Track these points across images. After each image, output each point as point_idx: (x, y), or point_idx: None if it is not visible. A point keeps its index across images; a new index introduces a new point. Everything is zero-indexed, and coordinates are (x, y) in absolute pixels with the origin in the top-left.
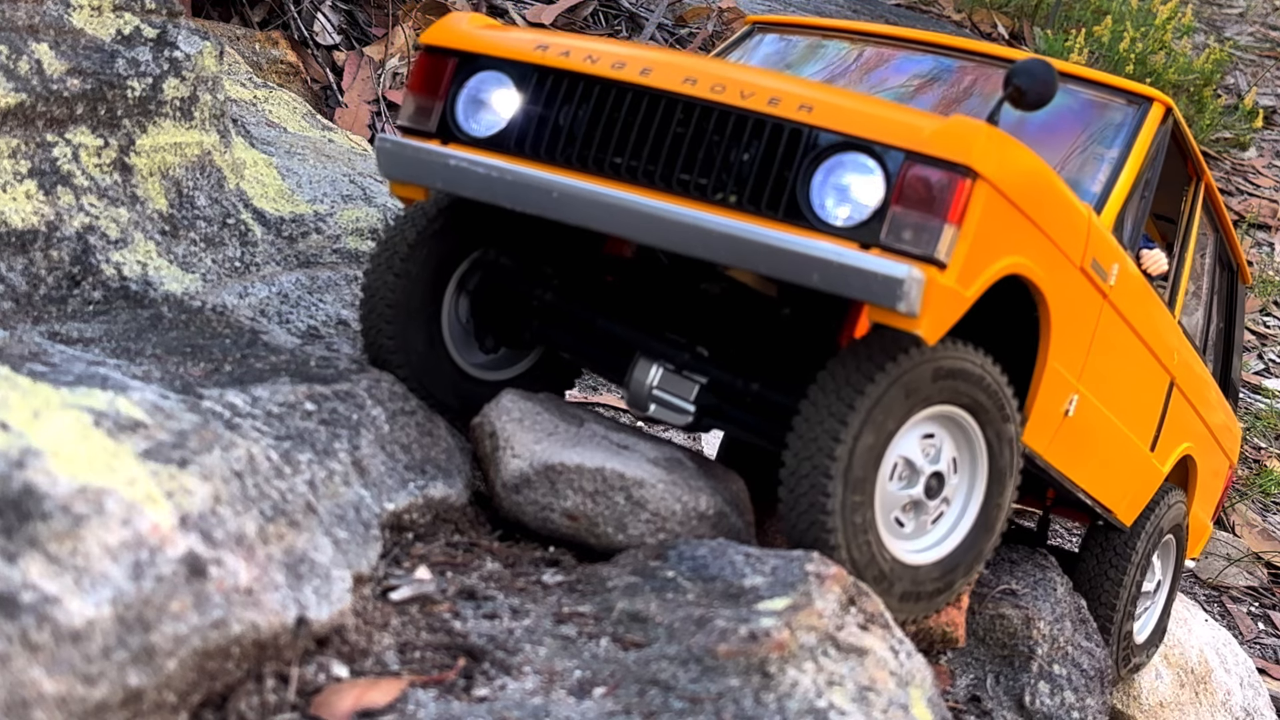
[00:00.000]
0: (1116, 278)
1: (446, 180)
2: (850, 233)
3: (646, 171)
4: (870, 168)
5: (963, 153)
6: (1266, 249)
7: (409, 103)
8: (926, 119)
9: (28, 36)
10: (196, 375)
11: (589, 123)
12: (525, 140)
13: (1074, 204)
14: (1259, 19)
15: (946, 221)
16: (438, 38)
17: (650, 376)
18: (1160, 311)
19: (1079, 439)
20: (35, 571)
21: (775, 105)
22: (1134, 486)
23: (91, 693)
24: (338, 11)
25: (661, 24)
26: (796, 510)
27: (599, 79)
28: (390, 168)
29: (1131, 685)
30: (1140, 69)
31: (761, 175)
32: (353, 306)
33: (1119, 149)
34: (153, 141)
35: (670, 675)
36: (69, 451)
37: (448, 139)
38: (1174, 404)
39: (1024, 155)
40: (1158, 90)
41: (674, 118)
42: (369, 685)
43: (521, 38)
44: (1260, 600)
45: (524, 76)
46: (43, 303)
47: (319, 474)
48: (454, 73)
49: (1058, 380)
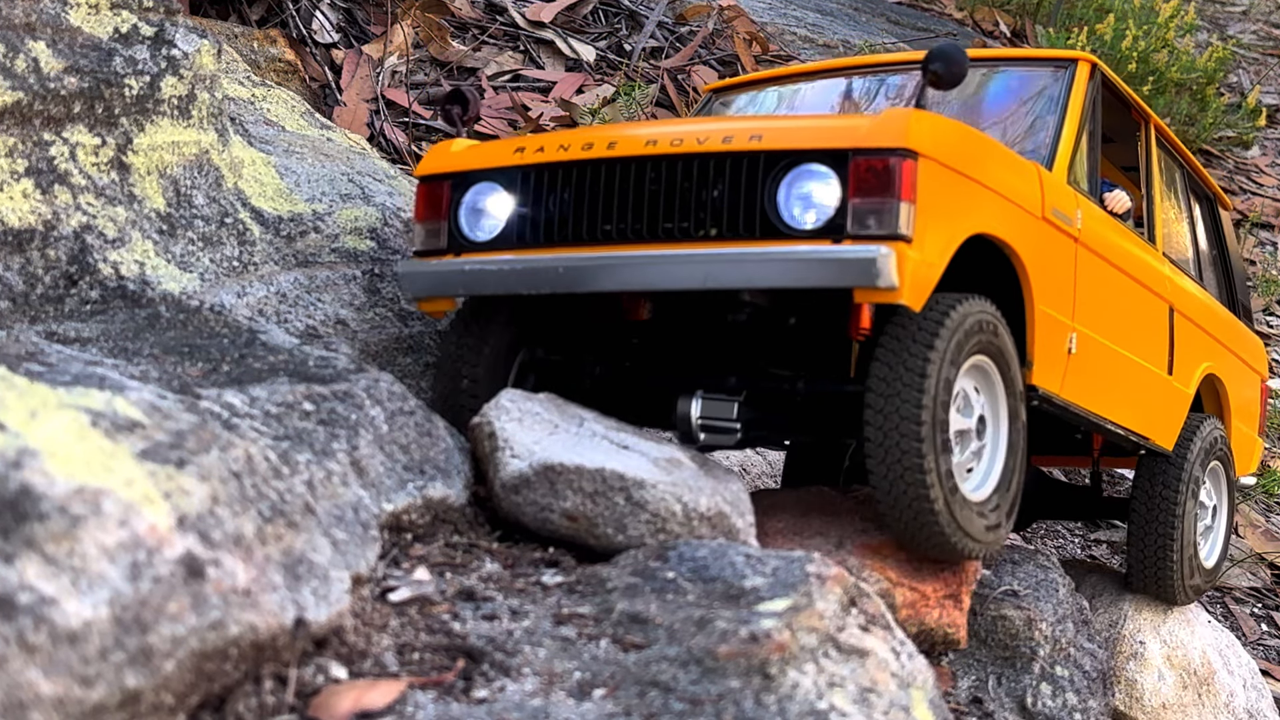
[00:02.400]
0: (1082, 221)
1: (465, 285)
2: (821, 233)
3: (634, 230)
4: (823, 172)
5: (899, 138)
6: (1270, 248)
7: (418, 231)
8: (861, 119)
9: (25, 34)
10: (194, 375)
11: (575, 202)
12: (525, 232)
13: (1018, 161)
14: (1262, 17)
15: (901, 200)
16: (430, 167)
17: (693, 410)
18: (1140, 245)
19: (1089, 373)
20: (32, 572)
21: (729, 142)
22: (1163, 410)
23: (89, 694)
24: (336, 9)
25: (662, 22)
26: (891, 467)
27: (574, 163)
28: (414, 288)
29: (1134, 687)
30: (1143, 67)
31: (733, 204)
32: (352, 306)
33: (1056, 109)
34: (150, 140)
35: (670, 677)
36: (66, 452)
37: (459, 251)
38: (1180, 328)
39: (955, 128)
40: (1087, 54)
41: (645, 177)
42: (368, 687)
43: (500, 147)
44: (1263, 601)
45: (511, 179)
46: (40, 302)
47: (317, 474)
48: (450, 192)
49: (1050, 322)
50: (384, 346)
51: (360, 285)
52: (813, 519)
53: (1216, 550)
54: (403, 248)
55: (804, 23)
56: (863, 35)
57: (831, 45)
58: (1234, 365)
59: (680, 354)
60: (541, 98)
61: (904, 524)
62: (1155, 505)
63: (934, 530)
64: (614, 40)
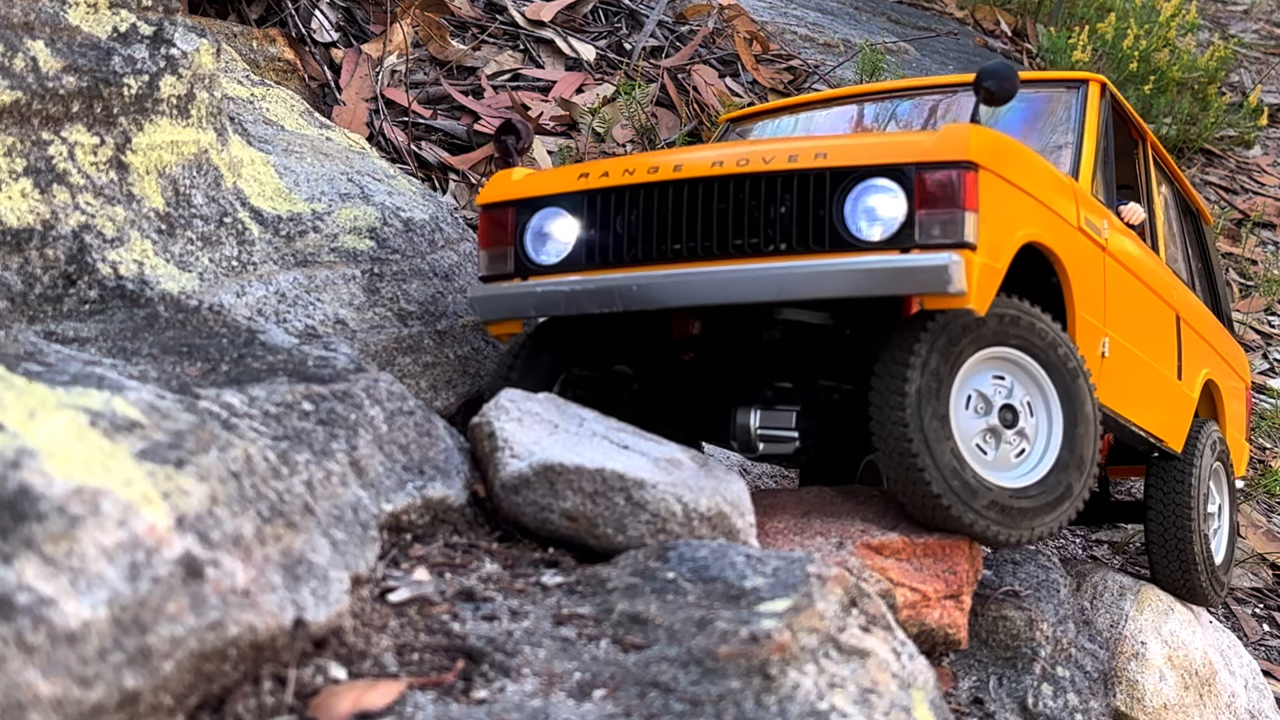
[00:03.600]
0: (1108, 232)
1: (539, 307)
2: (888, 244)
3: (704, 248)
4: (889, 187)
5: (962, 151)
6: (1272, 248)
7: (483, 257)
8: (922, 135)
9: (23, 33)
10: (193, 375)
11: (643, 223)
12: (594, 254)
13: (1059, 175)
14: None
15: (966, 210)
16: (493, 195)
17: (752, 420)
18: (1151, 255)
19: (1119, 377)
20: (31, 573)
21: (795, 161)
22: (1174, 414)
23: (87, 695)
24: (335, 9)
25: (662, 21)
26: (884, 433)
27: (641, 185)
28: (486, 311)
29: (1135, 688)
30: (1144, 66)
31: (801, 219)
32: (351, 306)
33: (1075, 127)
34: (149, 140)
35: (671, 677)
36: (65, 452)
37: (525, 274)
38: (1185, 335)
39: (1011, 143)
40: (1096, 75)
41: (714, 196)
42: (367, 687)
43: (562, 173)
44: (1265, 602)
45: (576, 204)
46: (38, 302)
47: (316, 474)
48: (515, 218)
49: (1087, 327)
50: (383, 346)
51: (360, 285)
52: (813, 519)
53: (1222, 549)
54: (402, 247)
55: (804, 22)
56: (864, 34)
57: (832, 44)
58: (1227, 373)
59: (732, 367)
60: (541, 97)
61: (914, 508)
62: (1171, 507)
63: (942, 514)
64: (614, 39)
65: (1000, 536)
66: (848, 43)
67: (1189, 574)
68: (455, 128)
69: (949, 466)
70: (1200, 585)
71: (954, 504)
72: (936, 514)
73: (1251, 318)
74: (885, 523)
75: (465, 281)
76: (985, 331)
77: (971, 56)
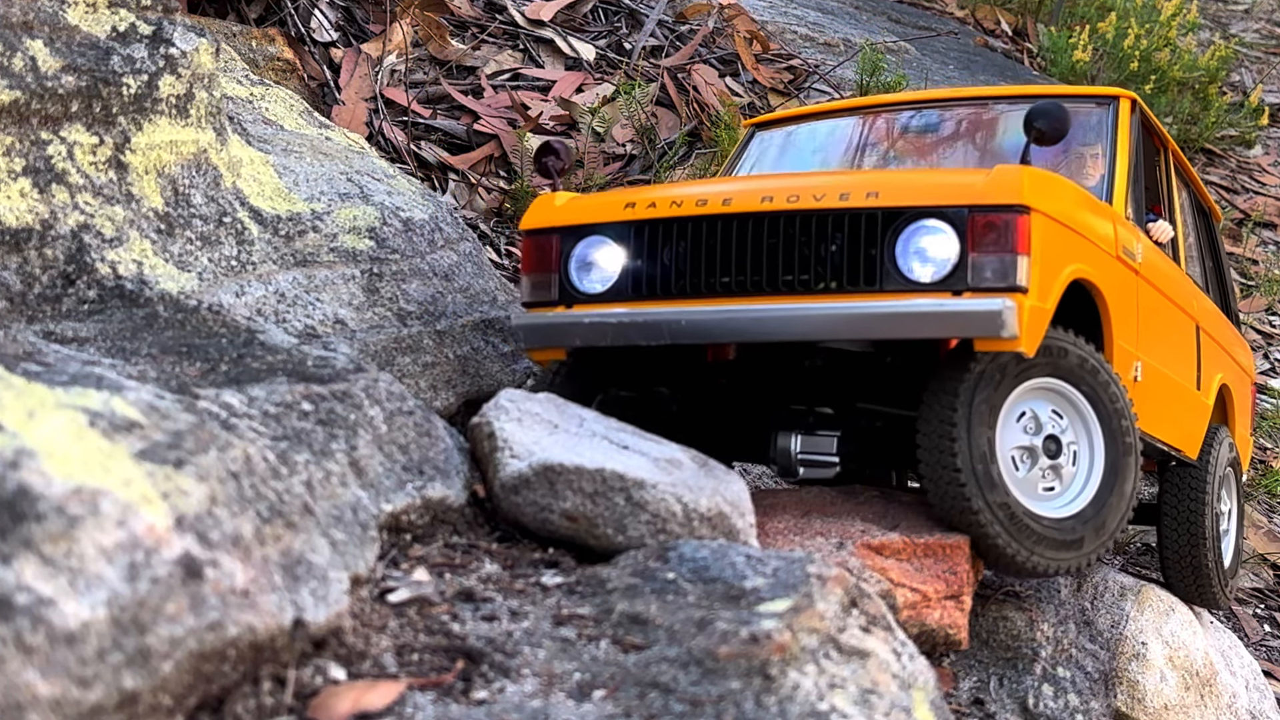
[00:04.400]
0: (1142, 255)
1: (585, 337)
2: (940, 286)
3: (753, 283)
4: (941, 228)
5: (1015, 194)
6: (1273, 248)
7: (525, 283)
8: (975, 174)
9: (22, 33)
10: (192, 375)
11: (691, 256)
12: (640, 287)
13: (1101, 207)
14: (1265, 15)
15: (1018, 254)
16: (536, 220)
17: (793, 445)
18: (1176, 270)
19: (1150, 398)
20: (30, 573)
21: (846, 199)
22: (1193, 424)
23: (86, 695)
24: (335, 8)
25: (662, 20)
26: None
27: (690, 218)
28: (531, 340)
29: (1136, 688)
30: (1145, 66)
31: (851, 258)
32: (350, 306)
33: (1107, 147)
34: (148, 139)
35: (671, 678)
36: (64, 452)
37: (570, 303)
38: (1204, 344)
39: (1057, 182)
40: (1127, 91)
41: (763, 232)
42: (367, 688)
43: (608, 201)
44: (1266, 602)
45: (622, 234)
46: (37, 302)
47: (316, 475)
48: (560, 245)
49: (1123, 354)
50: (383, 346)
51: (359, 285)
52: (813, 519)
53: (1230, 552)
54: (402, 247)
55: (805, 21)
56: (864, 34)
57: (832, 44)
58: (1237, 373)
59: (771, 391)
60: (541, 96)
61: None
62: (1185, 513)
63: (984, 539)
64: (614, 39)
65: (1040, 567)
66: (848, 42)
67: (1201, 578)
68: (455, 127)
69: (998, 503)
70: (1211, 589)
71: (1002, 537)
72: (984, 546)
73: (1252, 317)
74: (886, 523)
75: (465, 281)
76: (1034, 364)
77: (972, 56)
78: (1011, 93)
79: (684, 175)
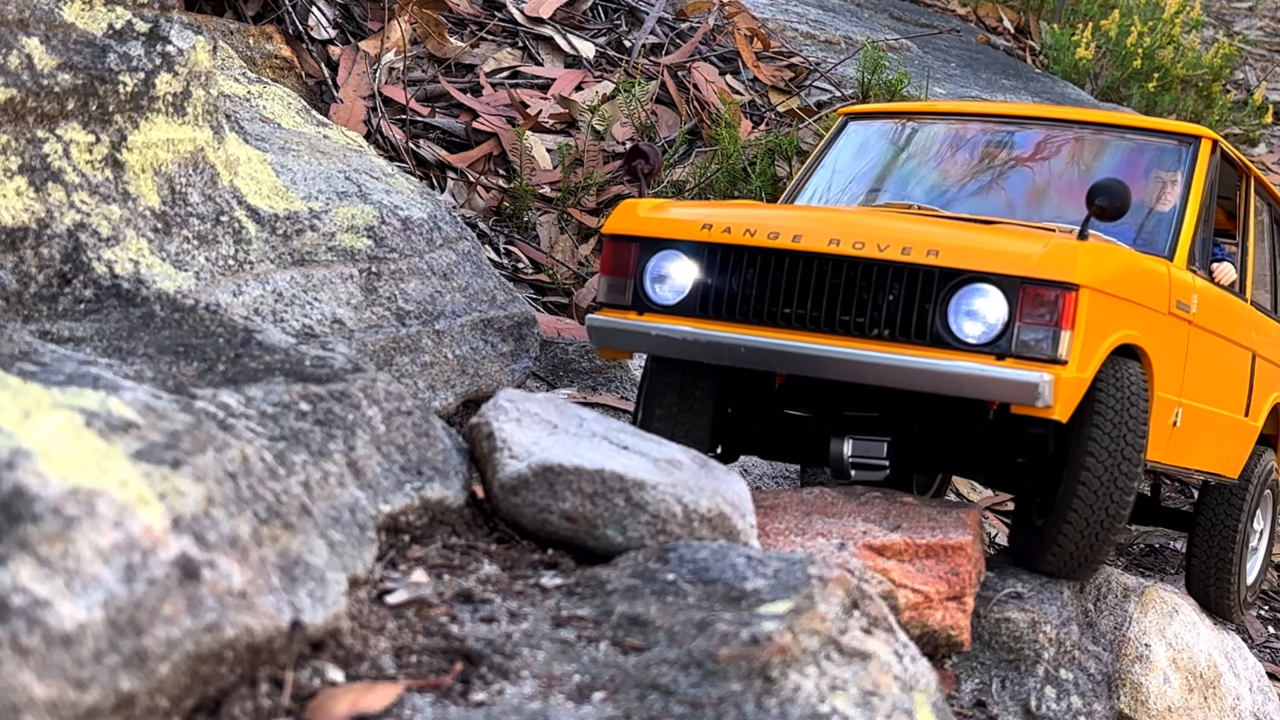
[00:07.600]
0: (1197, 304)
1: (651, 347)
2: (984, 348)
3: (812, 318)
4: (993, 292)
5: (1066, 272)
6: None
7: (602, 284)
8: (1033, 243)
9: (18, 30)
10: (189, 375)
11: (758, 284)
12: (708, 305)
13: (1155, 270)
14: (1269, 13)
15: (1062, 328)
16: (619, 226)
17: (845, 450)
18: (1237, 307)
19: (1187, 438)
20: (26, 574)
21: (908, 254)
22: (1236, 449)
23: (83, 697)
24: (333, 5)
25: (662, 18)
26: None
27: (760, 249)
28: (604, 342)
29: (1139, 690)
30: (1148, 64)
31: (906, 311)
32: (348, 305)
33: (1180, 193)
34: (145, 138)
35: (671, 679)
36: (60, 452)
37: (642, 310)
38: (1259, 372)
39: (1113, 256)
40: (1210, 131)
41: (827, 273)
42: (364, 690)
43: (688, 216)
44: (1270, 604)
45: (697, 252)
46: (33, 301)
47: (314, 475)
48: (638, 254)
49: (1163, 404)
50: (381, 346)
51: (357, 284)
52: (815, 520)
53: (1256, 569)
54: (400, 246)
55: (805, 19)
56: (865, 31)
57: (833, 41)
58: None
59: (823, 396)
60: (540, 94)
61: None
62: (1217, 528)
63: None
64: (613, 36)
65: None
66: (849, 40)
67: (1223, 591)
68: (453, 125)
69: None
70: (1228, 601)
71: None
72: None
73: None
74: (887, 524)
75: (464, 280)
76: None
77: (974, 54)
78: (1113, 120)
79: (684, 174)
